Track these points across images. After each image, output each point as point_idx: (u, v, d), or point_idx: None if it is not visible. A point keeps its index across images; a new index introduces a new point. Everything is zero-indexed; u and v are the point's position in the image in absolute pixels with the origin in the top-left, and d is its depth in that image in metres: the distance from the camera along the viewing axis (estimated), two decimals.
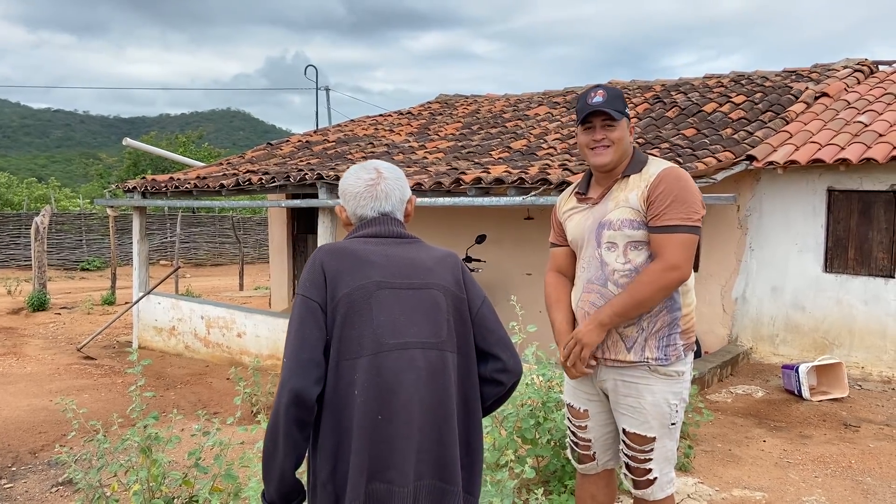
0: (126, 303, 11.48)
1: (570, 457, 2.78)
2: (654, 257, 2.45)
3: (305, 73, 23.54)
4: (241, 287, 16.18)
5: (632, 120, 2.46)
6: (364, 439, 1.71)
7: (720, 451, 4.76)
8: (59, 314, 11.80)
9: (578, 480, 2.82)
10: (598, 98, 2.52)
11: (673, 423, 2.53)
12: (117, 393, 6.83)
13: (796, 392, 6.04)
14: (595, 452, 2.69)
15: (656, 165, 2.53)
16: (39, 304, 12.12)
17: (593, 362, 2.70)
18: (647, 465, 2.54)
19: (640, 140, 7.34)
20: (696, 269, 7.86)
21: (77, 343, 9.17)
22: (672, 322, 2.49)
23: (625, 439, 2.57)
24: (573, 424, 2.72)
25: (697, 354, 7.44)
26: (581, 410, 2.68)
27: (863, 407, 5.84)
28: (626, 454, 2.59)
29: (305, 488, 1.81)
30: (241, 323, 8.22)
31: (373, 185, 1.92)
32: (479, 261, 8.12)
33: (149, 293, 9.32)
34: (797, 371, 6.04)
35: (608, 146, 2.52)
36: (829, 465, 4.55)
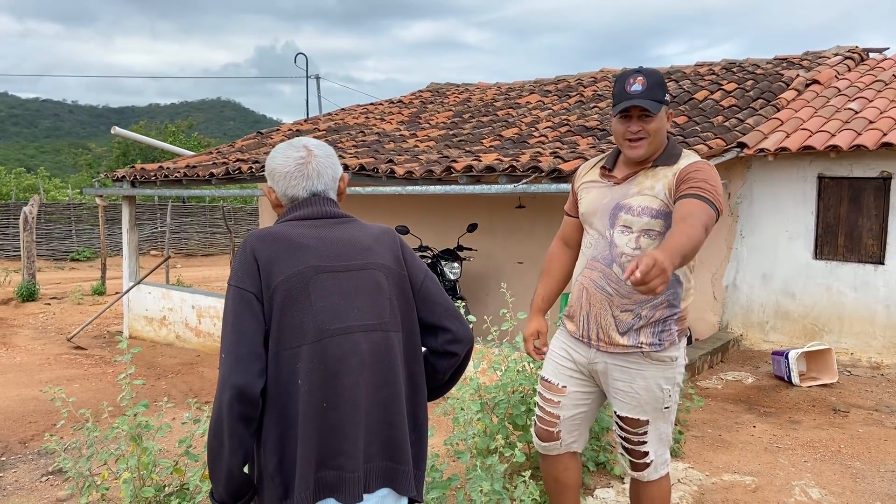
0: (116, 293, 11.42)
1: (533, 433, 2.76)
2: (678, 218, 2.25)
3: (296, 62, 23.46)
4: None
5: (670, 107, 2.33)
6: (310, 428, 1.68)
7: (710, 437, 4.79)
8: (49, 304, 11.72)
9: (541, 463, 2.80)
10: (636, 86, 2.39)
11: (667, 407, 2.53)
12: (108, 382, 6.80)
13: (786, 378, 6.08)
14: (560, 431, 2.66)
15: (687, 159, 2.46)
16: (29, 295, 12.04)
17: (545, 349, 2.77)
18: (643, 448, 2.54)
19: None
20: None
21: (67, 333, 9.12)
22: (670, 315, 2.47)
23: (618, 422, 2.57)
24: (543, 398, 2.69)
25: (689, 341, 7.46)
26: (559, 386, 2.65)
27: (852, 392, 5.88)
28: (620, 436, 2.59)
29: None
30: None
31: (303, 164, 1.85)
32: (470, 249, 8.11)
33: (139, 283, 9.27)
34: (787, 357, 6.07)
35: (644, 138, 2.41)
36: (819, 449, 4.58)
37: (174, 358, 8.04)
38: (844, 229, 7.00)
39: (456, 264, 7.81)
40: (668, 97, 2.47)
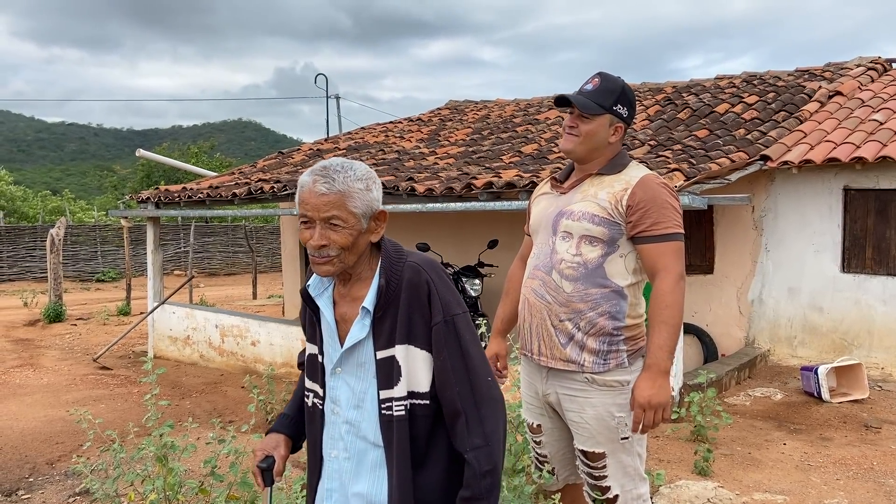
0: (141, 313, 11.53)
1: (533, 473, 2.72)
2: (651, 269, 2.34)
3: (315, 82, 23.65)
4: (255, 296, 16.22)
5: (620, 122, 2.25)
6: None
7: (740, 455, 4.70)
8: (75, 325, 11.86)
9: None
10: (588, 86, 2.42)
11: (625, 438, 2.39)
12: (133, 402, 6.85)
13: (816, 394, 5.97)
14: (553, 468, 2.62)
15: (636, 170, 2.42)
16: (55, 316, 12.19)
17: (505, 372, 2.76)
18: (605, 483, 2.43)
19: (651, 142, 7.30)
20: (710, 271, 7.80)
21: (93, 354, 9.21)
22: (615, 329, 2.37)
23: (579, 455, 2.48)
24: (532, 440, 2.67)
25: (714, 357, 7.37)
26: (535, 426, 2.62)
27: (883, 408, 5.76)
28: (583, 471, 2.49)
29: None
30: (255, 331, 8.23)
31: None
32: (491, 266, 8.09)
33: (163, 303, 9.36)
34: (816, 373, 5.97)
35: (576, 136, 2.41)
36: (851, 467, 4.49)
37: (198, 377, 8.08)
38: (872, 242, 6.89)
39: (477, 281, 7.79)
40: (620, 109, 2.41)
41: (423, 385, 1.64)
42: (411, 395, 1.64)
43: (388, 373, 1.64)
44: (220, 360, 8.63)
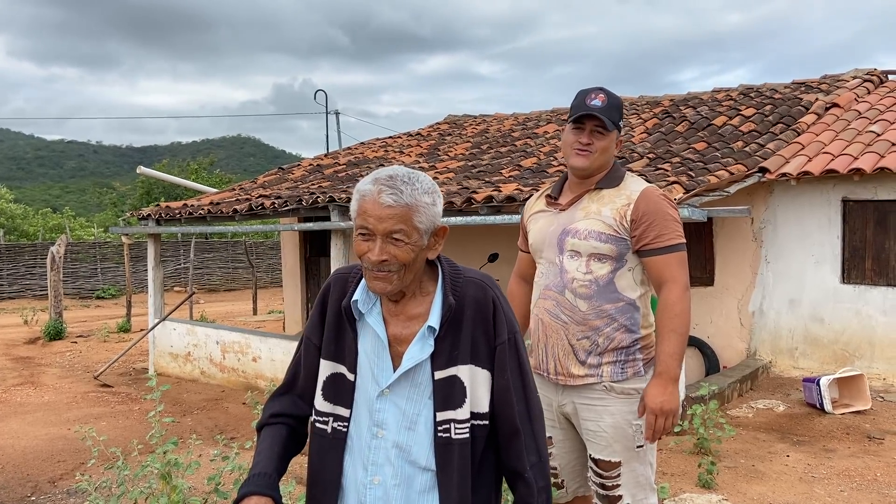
0: (141, 330, 11.52)
1: None
2: (657, 280, 2.39)
3: (315, 98, 23.74)
4: (255, 311, 16.21)
5: (623, 135, 2.31)
6: None
7: (743, 467, 4.69)
8: (76, 343, 11.84)
9: None
10: (596, 101, 2.43)
11: (640, 446, 2.42)
12: (134, 420, 6.83)
13: (818, 405, 5.96)
14: (563, 480, 2.62)
15: (635, 183, 2.46)
16: (56, 334, 12.17)
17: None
18: (617, 492, 2.43)
19: (650, 155, 7.34)
20: (711, 283, 7.81)
21: (94, 371, 9.19)
22: (632, 341, 2.41)
23: (591, 465, 2.49)
24: None
25: (716, 369, 7.37)
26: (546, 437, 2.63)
27: (886, 419, 5.75)
28: (594, 481, 2.50)
29: None
30: (255, 347, 8.22)
31: None
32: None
33: (163, 320, 9.35)
34: (818, 384, 5.96)
35: (591, 152, 2.43)
36: (855, 478, 4.48)
37: (199, 394, 8.06)
38: (872, 252, 6.91)
39: None
40: (622, 124, 2.50)
41: (484, 405, 1.56)
42: (473, 416, 1.55)
43: (447, 393, 1.54)
44: (221, 377, 8.62)
